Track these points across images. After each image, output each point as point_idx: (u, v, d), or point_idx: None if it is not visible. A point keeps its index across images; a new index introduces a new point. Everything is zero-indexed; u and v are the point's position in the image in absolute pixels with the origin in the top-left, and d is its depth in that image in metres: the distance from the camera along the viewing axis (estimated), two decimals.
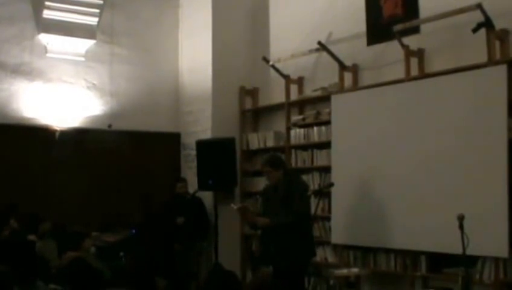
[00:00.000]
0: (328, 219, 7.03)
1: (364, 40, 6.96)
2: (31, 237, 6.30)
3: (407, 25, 6.25)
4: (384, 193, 6.35)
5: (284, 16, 8.21)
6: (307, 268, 6.02)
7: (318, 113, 7.37)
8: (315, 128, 7.36)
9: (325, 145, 7.15)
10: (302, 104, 7.81)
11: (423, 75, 6.24)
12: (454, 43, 6.05)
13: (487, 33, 5.57)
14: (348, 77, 7.09)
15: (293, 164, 7.56)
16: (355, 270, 6.37)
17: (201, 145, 8.02)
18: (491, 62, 5.56)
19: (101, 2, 8.17)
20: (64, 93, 8.07)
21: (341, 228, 6.83)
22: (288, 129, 7.76)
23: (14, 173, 7.55)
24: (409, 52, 6.29)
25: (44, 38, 7.94)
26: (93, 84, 8.32)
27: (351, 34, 7.11)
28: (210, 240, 7.91)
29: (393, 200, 6.26)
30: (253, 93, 8.57)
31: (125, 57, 8.58)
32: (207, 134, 8.30)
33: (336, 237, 6.90)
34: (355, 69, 7.03)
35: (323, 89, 7.35)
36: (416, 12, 6.39)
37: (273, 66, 7.95)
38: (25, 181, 7.58)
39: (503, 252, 5.32)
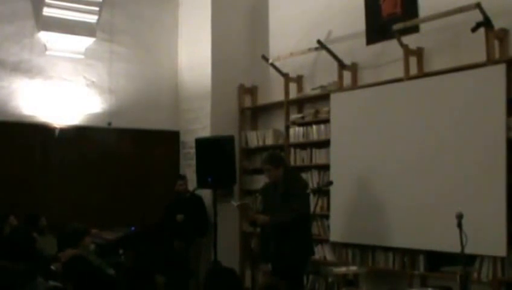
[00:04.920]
0: (327, 217, 7.05)
1: (363, 39, 6.97)
2: (33, 234, 6.30)
3: (407, 24, 6.26)
4: (383, 192, 6.36)
5: (283, 14, 8.22)
6: (306, 266, 6.04)
7: (317, 112, 7.38)
8: (314, 126, 7.38)
9: (324, 143, 7.17)
10: (301, 103, 7.83)
11: (422, 74, 6.25)
12: (453, 43, 6.06)
13: (486, 32, 5.58)
14: (347, 76, 7.10)
15: (292, 162, 7.57)
16: (353, 268, 6.38)
17: (201, 143, 8.02)
18: (490, 61, 5.57)
19: (101, 0, 8.18)
20: (63, 91, 8.08)
21: (340, 226, 6.85)
22: (287, 127, 7.78)
23: (14, 171, 7.56)
24: (408, 51, 6.30)
25: (44, 36, 7.95)
26: (93, 82, 8.34)
27: (350, 33, 7.12)
28: (209, 238, 7.92)
29: (391, 198, 6.28)
30: (252, 91, 8.58)
31: (124, 55, 8.59)
32: (206, 132, 8.31)
33: (335, 235, 6.92)
34: (354, 68, 7.04)
35: (322, 87, 7.36)
36: (415, 11, 6.40)
37: (272, 65, 7.96)
38: (24, 179, 7.60)
39: (501, 251, 5.33)
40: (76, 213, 7.40)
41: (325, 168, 7.14)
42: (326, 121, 7.15)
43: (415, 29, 6.36)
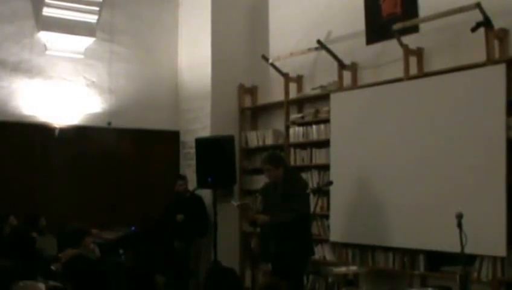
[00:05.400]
0: (327, 217, 7.05)
1: (363, 38, 6.97)
2: (33, 234, 6.31)
3: (407, 23, 6.26)
4: (383, 192, 6.36)
5: (283, 14, 8.22)
6: (306, 266, 6.04)
7: (317, 112, 7.38)
8: (314, 126, 7.38)
9: (324, 143, 7.17)
10: (301, 103, 7.83)
11: (422, 74, 6.25)
12: (453, 42, 6.06)
13: (486, 32, 5.57)
14: (347, 76, 7.10)
15: (292, 162, 7.57)
16: (353, 268, 6.37)
17: (201, 143, 8.02)
18: (490, 61, 5.57)
19: (101, 0, 8.18)
20: (63, 90, 8.09)
21: (339, 226, 6.85)
22: (287, 127, 7.77)
23: (14, 170, 7.57)
24: (408, 51, 6.29)
25: (43, 36, 7.95)
26: (93, 82, 8.34)
27: (350, 33, 7.12)
28: (209, 238, 7.92)
29: (391, 198, 6.28)
30: (252, 91, 8.58)
31: (124, 54, 8.60)
32: (206, 132, 8.31)
33: (335, 235, 6.92)
34: (354, 68, 7.04)
35: (322, 87, 7.36)
36: (415, 11, 6.39)
37: (272, 64, 7.95)
38: (24, 178, 7.61)
39: (501, 251, 5.34)
40: (76, 213, 7.40)
41: (325, 168, 7.14)
42: (326, 121, 7.15)
43: (414, 29, 6.36)
